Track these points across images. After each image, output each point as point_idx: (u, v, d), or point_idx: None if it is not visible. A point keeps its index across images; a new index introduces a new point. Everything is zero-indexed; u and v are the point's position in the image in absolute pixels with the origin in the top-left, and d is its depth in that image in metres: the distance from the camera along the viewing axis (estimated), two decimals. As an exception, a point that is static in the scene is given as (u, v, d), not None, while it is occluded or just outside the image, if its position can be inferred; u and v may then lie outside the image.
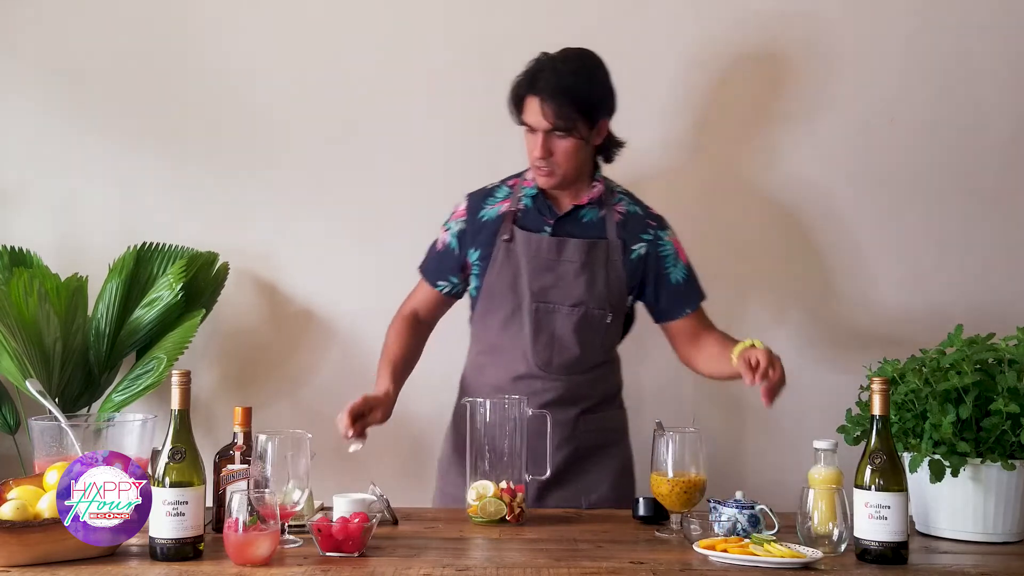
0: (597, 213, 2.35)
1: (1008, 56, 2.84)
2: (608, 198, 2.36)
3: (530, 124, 2.25)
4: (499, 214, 2.35)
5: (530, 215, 2.34)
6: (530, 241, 2.31)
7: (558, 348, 2.30)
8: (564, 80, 2.22)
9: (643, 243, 2.35)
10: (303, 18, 2.85)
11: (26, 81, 2.85)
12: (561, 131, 2.22)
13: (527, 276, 2.30)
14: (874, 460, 1.74)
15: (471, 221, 2.37)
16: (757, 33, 2.84)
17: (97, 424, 2.05)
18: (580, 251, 2.30)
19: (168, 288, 2.54)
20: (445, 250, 2.39)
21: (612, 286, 2.32)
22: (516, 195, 2.37)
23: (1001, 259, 2.83)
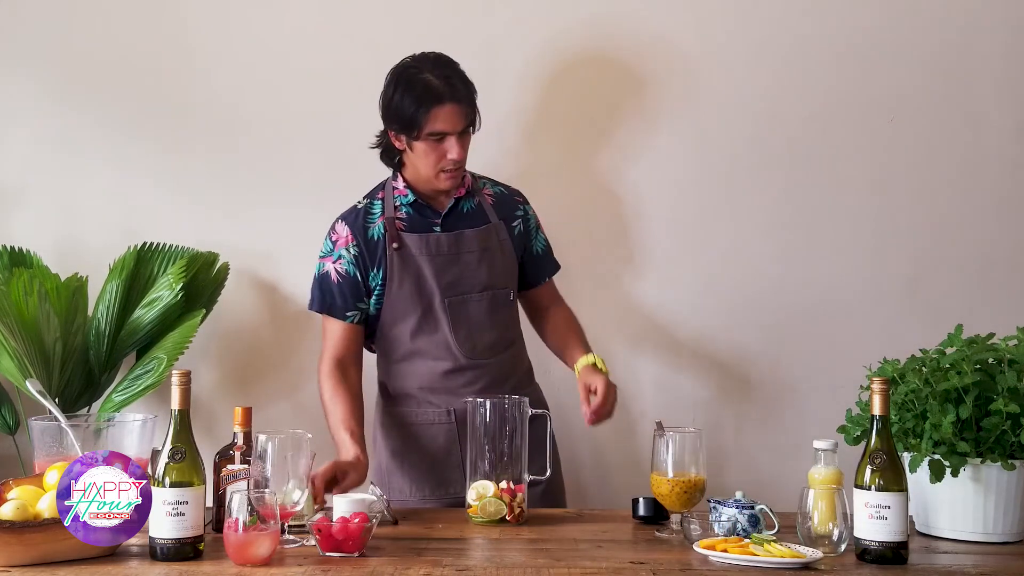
0: (473, 201, 2.42)
1: (1008, 56, 2.84)
2: (475, 185, 2.45)
3: (443, 130, 2.27)
4: (384, 229, 2.35)
5: (414, 220, 2.37)
6: (426, 241, 2.34)
7: (478, 334, 2.36)
8: (460, 76, 2.31)
9: (518, 219, 2.46)
10: (303, 18, 2.85)
11: (26, 81, 2.85)
12: (471, 126, 2.32)
13: (432, 275, 2.33)
14: (874, 460, 1.74)
15: (363, 243, 2.34)
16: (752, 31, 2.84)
17: (97, 424, 2.05)
18: (477, 239, 2.37)
19: (168, 288, 2.54)
20: (346, 279, 2.34)
21: (507, 264, 2.42)
22: (390, 205, 2.38)
23: (1001, 259, 2.83)
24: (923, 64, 2.83)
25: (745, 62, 2.83)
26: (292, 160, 2.84)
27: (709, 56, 2.83)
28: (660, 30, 2.83)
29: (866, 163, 2.84)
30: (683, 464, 1.97)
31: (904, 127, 2.84)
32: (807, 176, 2.84)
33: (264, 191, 2.84)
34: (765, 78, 2.84)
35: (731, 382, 2.83)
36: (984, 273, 2.83)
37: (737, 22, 2.84)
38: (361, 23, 2.84)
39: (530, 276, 2.50)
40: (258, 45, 2.85)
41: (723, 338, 2.83)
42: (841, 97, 2.84)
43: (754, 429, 2.82)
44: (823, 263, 2.84)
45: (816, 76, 2.84)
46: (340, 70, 2.83)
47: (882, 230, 2.84)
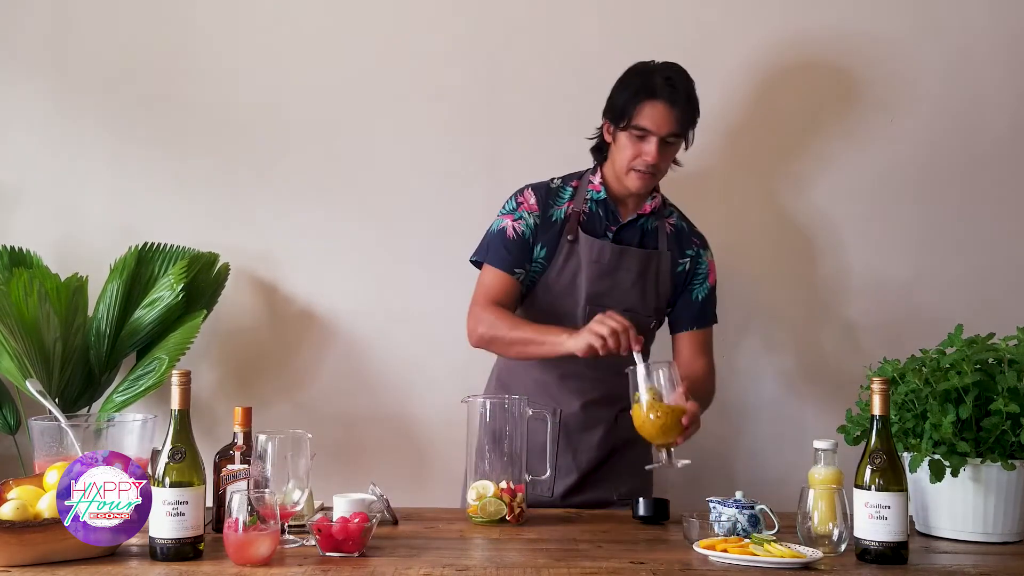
0: (653, 223, 2.41)
1: (1009, 56, 2.84)
2: (662, 210, 2.43)
3: (647, 127, 2.26)
4: (566, 215, 2.37)
5: (594, 219, 2.38)
6: (593, 246, 2.34)
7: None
8: (688, 88, 2.29)
9: (687, 259, 2.42)
10: (303, 18, 2.85)
11: (27, 81, 2.85)
12: (676, 137, 2.29)
13: (585, 279, 2.34)
14: (874, 460, 1.74)
15: (543, 217, 2.37)
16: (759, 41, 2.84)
17: (97, 424, 2.05)
18: (638, 261, 2.36)
19: (169, 288, 2.54)
20: (519, 239, 2.35)
21: (660, 295, 2.39)
22: (581, 197, 2.39)
23: (1001, 259, 2.83)
24: (923, 64, 2.83)
25: (745, 62, 2.83)
26: (292, 160, 2.84)
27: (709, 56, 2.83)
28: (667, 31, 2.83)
29: (866, 163, 2.84)
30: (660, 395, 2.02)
31: (904, 127, 2.84)
32: (807, 175, 2.84)
33: (264, 191, 2.84)
34: (764, 78, 2.83)
35: (731, 382, 2.82)
36: (984, 273, 2.83)
37: (737, 22, 2.84)
38: (361, 24, 2.84)
39: (676, 318, 2.43)
40: (258, 46, 2.85)
41: (722, 338, 2.83)
42: (841, 97, 2.84)
43: (754, 429, 2.82)
44: (823, 263, 2.84)
45: (816, 76, 2.84)
46: (340, 71, 2.83)
47: (882, 230, 2.84)
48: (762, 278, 2.84)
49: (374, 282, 2.80)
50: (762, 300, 2.84)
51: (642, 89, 2.27)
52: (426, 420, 2.69)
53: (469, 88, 2.80)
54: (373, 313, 2.78)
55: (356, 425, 2.69)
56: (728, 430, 2.82)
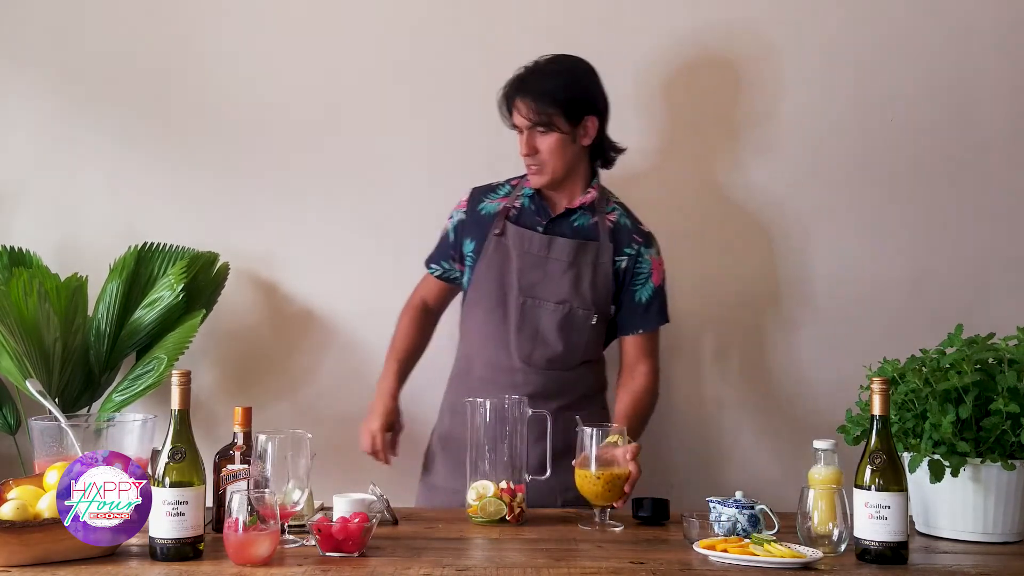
0: (589, 218, 2.42)
1: (1009, 56, 2.83)
2: (601, 205, 2.43)
3: (515, 124, 2.38)
4: (497, 210, 2.44)
5: (525, 213, 2.42)
6: (522, 236, 2.39)
7: (541, 343, 2.36)
8: (544, 79, 2.35)
9: (626, 256, 2.41)
10: (303, 18, 2.85)
11: (26, 81, 2.85)
12: (542, 127, 2.32)
13: (516, 270, 2.37)
14: (874, 460, 1.74)
15: (470, 212, 2.47)
16: (753, 31, 2.84)
17: (97, 424, 2.05)
18: (569, 250, 2.37)
19: (169, 288, 2.54)
20: (444, 237, 2.52)
21: (598, 288, 2.38)
22: (515, 193, 2.45)
23: (1001, 259, 2.83)
24: (923, 64, 2.83)
25: (744, 62, 2.83)
26: (292, 161, 2.83)
27: (708, 55, 2.83)
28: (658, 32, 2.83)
29: (866, 163, 2.84)
30: (604, 459, 2.00)
31: (904, 127, 2.84)
32: (806, 175, 2.84)
33: (264, 192, 2.84)
34: (764, 78, 2.83)
35: (731, 382, 2.82)
36: (984, 273, 2.83)
37: (737, 22, 2.84)
38: (361, 26, 2.84)
39: (620, 321, 2.42)
40: (259, 46, 2.85)
41: (722, 338, 2.83)
42: (841, 97, 2.84)
43: (754, 429, 2.82)
44: (823, 263, 2.83)
45: (816, 76, 2.83)
46: (340, 71, 2.83)
47: (882, 230, 2.84)
48: (762, 277, 2.84)
49: (374, 282, 2.80)
50: (762, 299, 2.84)
51: (510, 86, 2.38)
52: (426, 420, 2.68)
53: (469, 89, 2.80)
54: (373, 313, 2.78)
55: (356, 425, 2.68)
56: (728, 430, 2.82)
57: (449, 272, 2.52)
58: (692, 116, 2.84)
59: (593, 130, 2.38)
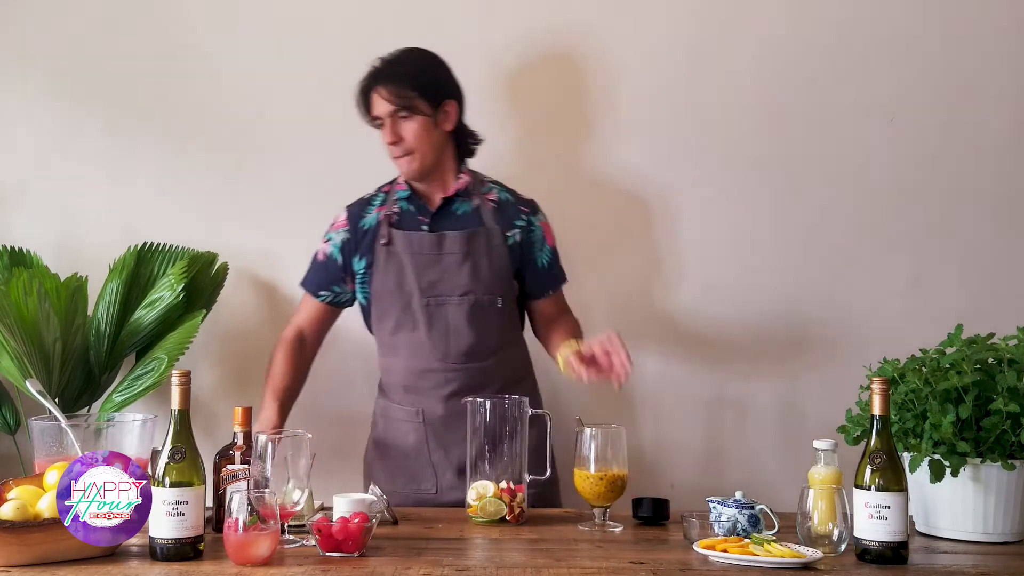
0: (470, 204, 2.43)
1: (1009, 56, 2.84)
2: (478, 188, 2.45)
3: (377, 115, 2.37)
4: (377, 221, 2.43)
5: (406, 216, 2.43)
6: (410, 240, 2.39)
7: (453, 338, 2.37)
8: (400, 65, 2.38)
9: (517, 229, 2.43)
10: (303, 20, 2.85)
11: (26, 81, 2.85)
12: (405, 110, 2.34)
13: (413, 274, 2.37)
14: (874, 460, 1.74)
15: (354, 231, 2.45)
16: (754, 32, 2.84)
17: (97, 424, 2.05)
18: (460, 242, 2.38)
19: (169, 288, 2.54)
20: (327, 261, 2.46)
21: (497, 271, 2.39)
22: (391, 200, 2.46)
23: (1001, 259, 2.83)
24: (923, 64, 2.83)
25: (744, 62, 2.83)
26: (291, 161, 2.84)
27: (708, 56, 2.83)
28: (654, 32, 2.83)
29: (866, 163, 2.84)
30: (605, 459, 2.00)
31: (904, 127, 2.84)
32: (807, 176, 2.84)
33: (263, 191, 2.84)
34: (764, 78, 2.84)
35: (731, 382, 2.82)
36: (984, 273, 2.83)
37: (737, 22, 2.84)
38: (361, 26, 2.84)
39: (531, 288, 2.46)
40: (258, 46, 2.85)
41: (723, 338, 2.83)
42: (841, 97, 2.84)
43: (754, 429, 2.82)
44: (823, 262, 2.84)
45: (816, 76, 2.84)
46: (340, 71, 2.82)
47: (882, 230, 2.84)
48: (762, 277, 2.84)
49: (374, 282, 2.80)
50: (761, 299, 2.83)
51: (365, 80, 2.39)
52: (426, 420, 2.68)
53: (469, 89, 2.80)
54: (373, 313, 2.78)
55: (356, 425, 2.69)
56: (728, 430, 2.82)
57: (340, 296, 2.48)
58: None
59: (454, 115, 2.41)
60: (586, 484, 2.00)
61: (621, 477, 2.00)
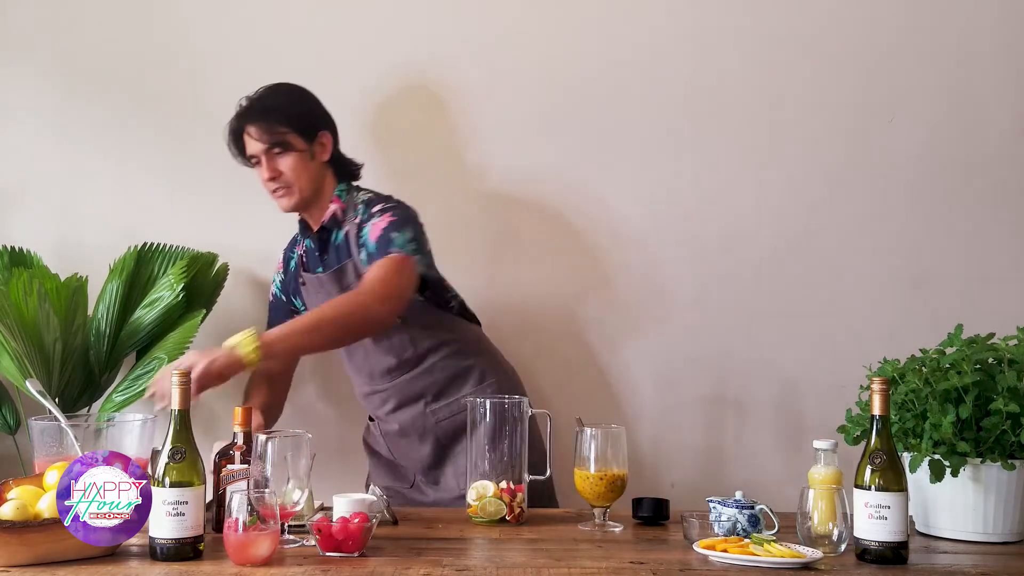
0: (342, 231, 2.41)
1: (1009, 55, 2.84)
2: (349, 215, 2.41)
3: (253, 154, 2.40)
4: (295, 263, 2.52)
5: (311, 255, 2.49)
6: (310, 282, 2.45)
7: (373, 362, 2.43)
8: (267, 101, 2.39)
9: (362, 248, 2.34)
10: (304, 21, 2.85)
11: (26, 81, 2.85)
12: (279, 147, 2.36)
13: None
14: (874, 460, 1.74)
15: (286, 271, 2.58)
16: (753, 27, 2.84)
17: (97, 424, 2.05)
18: (333, 281, 2.39)
19: (169, 288, 2.54)
20: (275, 300, 2.60)
21: None
22: (301, 239, 2.52)
23: (1001, 259, 2.83)
24: (923, 64, 2.84)
25: (744, 62, 2.83)
26: (292, 160, 2.83)
27: (709, 56, 2.83)
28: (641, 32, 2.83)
29: (866, 163, 2.84)
30: (605, 459, 2.00)
31: (904, 127, 2.84)
32: (807, 176, 2.84)
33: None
34: (765, 78, 2.84)
35: (731, 382, 2.82)
36: (984, 273, 2.83)
37: (737, 23, 2.84)
38: (361, 26, 2.84)
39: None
40: (259, 46, 2.85)
41: (722, 337, 2.83)
42: (841, 97, 2.84)
43: (754, 429, 2.82)
44: (823, 262, 2.84)
45: (816, 76, 2.84)
46: (340, 72, 2.83)
47: (882, 230, 2.84)
48: (761, 276, 2.84)
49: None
50: (761, 299, 2.84)
51: (234, 122, 2.43)
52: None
53: (468, 90, 2.81)
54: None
55: (356, 425, 2.69)
56: (728, 430, 2.82)
57: None
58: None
59: (329, 145, 2.42)
60: (586, 484, 2.00)
61: (621, 477, 2.00)
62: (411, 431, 2.43)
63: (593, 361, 2.83)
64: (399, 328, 2.38)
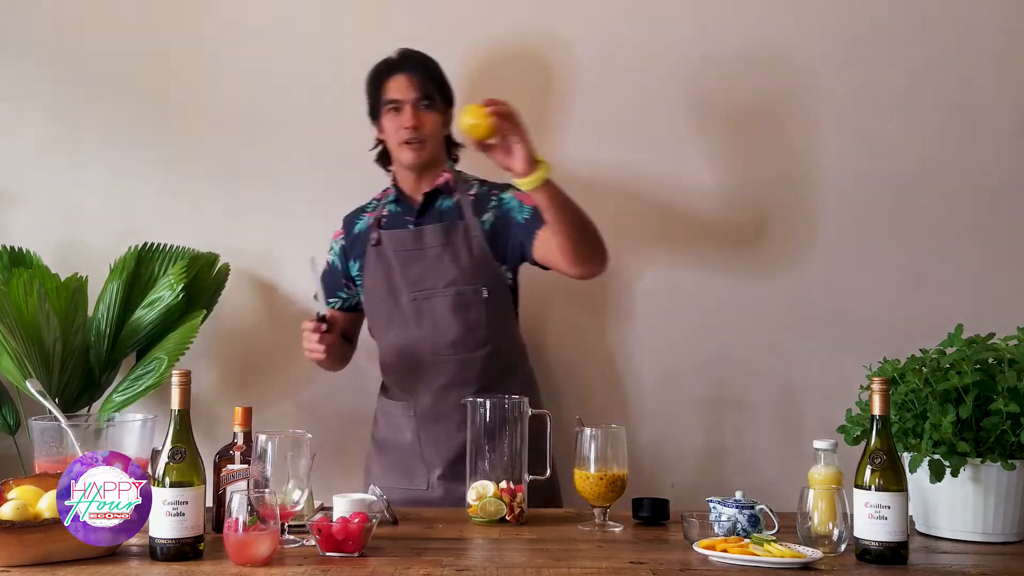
0: (452, 200, 2.47)
1: (1009, 55, 2.84)
2: (461, 186, 2.48)
3: (395, 97, 2.42)
4: (368, 225, 2.51)
5: (394, 217, 2.49)
6: (393, 237, 2.45)
7: (440, 330, 2.39)
8: (422, 60, 2.46)
9: (490, 211, 2.44)
10: (304, 22, 2.85)
11: (27, 82, 2.85)
12: (427, 100, 2.41)
13: (399, 270, 2.42)
14: (874, 460, 1.74)
15: (348, 237, 2.55)
16: (757, 29, 2.84)
17: (97, 424, 2.05)
18: (439, 234, 2.42)
19: (169, 288, 2.54)
20: (330, 269, 2.56)
21: (477, 261, 2.40)
22: (382, 204, 2.53)
23: (1001, 259, 2.83)
24: (923, 64, 2.83)
25: (744, 62, 2.83)
26: (292, 161, 2.84)
27: (708, 55, 2.83)
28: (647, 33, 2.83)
29: (866, 162, 2.84)
30: (605, 459, 2.00)
31: (904, 127, 2.84)
32: (807, 176, 2.84)
33: (264, 192, 2.84)
34: (765, 78, 2.84)
35: (731, 382, 2.82)
36: (984, 273, 2.83)
37: (736, 23, 2.84)
38: (361, 27, 2.84)
39: (522, 239, 2.38)
40: (259, 47, 2.85)
41: (723, 337, 2.83)
42: (841, 97, 2.84)
43: (754, 429, 2.82)
44: (823, 262, 2.83)
45: (816, 76, 2.84)
46: (340, 72, 2.82)
47: (882, 230, 2.84)
48: (761, 278, 2.84)
49: (374, 282, 2.80)
50: (761, 298, 2.83)
51: (378, 72, 2.46)
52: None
53: (468, 89, 2.80)
54: (373, 313, 2.78)
55: (356, 425, 2.69)
56: (728, 430, 2.82)
57: (348, 300, 2.56)
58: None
59: (450, 121, 2.48)
60: (586, 484, 2.00)
61: (621, 477, 2.00)
62: (451, 417, 2.33)
63: (593, 361, 2.83)
64: (482, 301, 2.39)
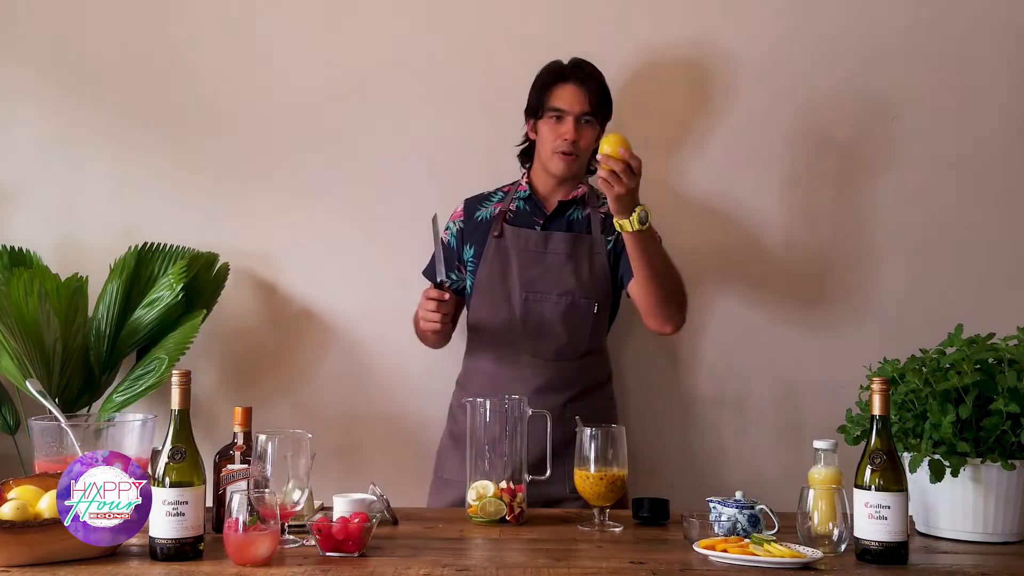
0: (583, 212, 2.48)
1: (1009, 55, 2.84)
2: (592, 200, 2.49)
3: (561, 107, 2.40)
4: (493, 215, 2.49)
5: (521, 215, 2.48)
6: (519, 235, 2.44)
7: (547, 335, 2.40)
8: (596, 73, 2.45)
9: (615, 234, 2.42)
10: (303, 19, 2.85)
11: (27, 81, 2.85)
12: (589, 116, 2.40)
13: (517, 268, 2.42)
14: (874, 460, 1.74)
15: (467, 221, 2.52)
16: (752, 29, 2.84)
17: (97, 424, 2.05)
18: (566, 243, 2.43)
19: (169, 288, 2.54)
20: (446, 248, 2.50)
21: (596, 277, 2.43)
22: (510, 198, 2.51)
23: (1001, 259, 2.83)
24: (923, 64, 2.83)
25: (745, 62, 2.83)
26: (292, 161, 2.83)
27: (708, 56, 2.83)
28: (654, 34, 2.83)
29: (866, 162, 2.84)
30: (605, 459, 2.00)
31: (904, 127, 2.84)
32: (807, 175, 2.84)
33: (264, 192, 2.84)
34: (765, 78, 2.84)
35: (731, 382, 2.82)
36: (984, 273, 2.83)
37: (735, 22, 2.84)
38: (361, 25, 2.84)
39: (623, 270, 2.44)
40: (259, 46, 2.85)
41: (723, 337, 2.83)
42: (841, 97, 2.84)
43: (754, 429, 2.82)
44: (823, 262, 2.83)
45: (816, 75, 2.84)
46: (340, 72, 2.83)
47: (882, 229, 2.84)
48: (761, 278, 2.84)
49: (373, 282, 2.80)
50: (761, 299, 2.84)
51: (549, 74, 2.45)
52: (426, 420, 2.69)
53: (468, 89, 2.81)
54: (373, 313, 2.78)
55: (356, 425, 2.69)
56: (728, 430, 2.82)
57: (455, 283, 2.51)
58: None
59: (600, 136, 2.43)
60: (586, 484, 2.00)
61: (621, 477, 2.00)
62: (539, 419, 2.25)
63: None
64: (592, 315, 2.42)
